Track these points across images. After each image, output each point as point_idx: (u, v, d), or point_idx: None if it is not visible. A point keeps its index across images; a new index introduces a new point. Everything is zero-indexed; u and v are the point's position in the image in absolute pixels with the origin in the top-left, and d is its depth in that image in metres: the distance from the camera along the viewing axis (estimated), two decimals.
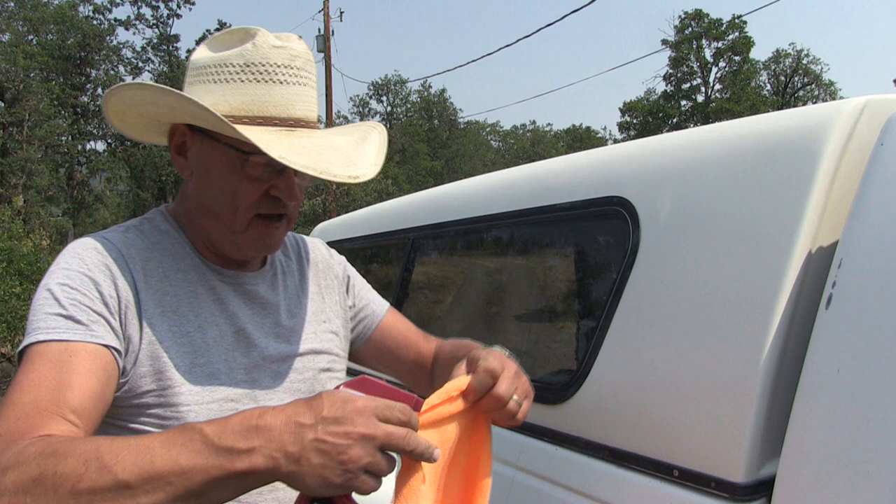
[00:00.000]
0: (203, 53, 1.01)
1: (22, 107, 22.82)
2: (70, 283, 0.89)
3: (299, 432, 0.72)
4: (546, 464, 1.38)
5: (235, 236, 1.00)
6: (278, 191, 0.99)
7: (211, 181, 0.99)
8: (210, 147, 0.98)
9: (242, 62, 0.97)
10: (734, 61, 33.52)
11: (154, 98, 0.97)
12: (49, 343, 0.84)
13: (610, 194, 1.42)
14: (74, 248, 0.94)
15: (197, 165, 1.00)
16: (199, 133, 0.99)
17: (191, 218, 1.04)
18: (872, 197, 1.00)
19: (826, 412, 0.96)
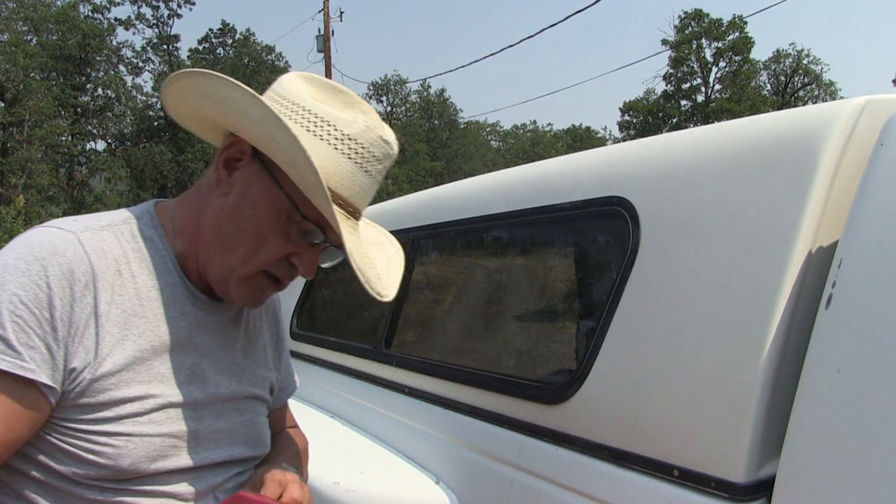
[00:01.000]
0: (304, 93, 0.94)
1: (22, 107, 22.82)
2: (22, 294, 0.81)
3: None
4: (546, 464, 1.38)
5: (230, 278, 0.94)
6: (300, 260, 0.95)
7: (244, 215, 0.92)
8: (265, 184, 0.92)
9: (349, 133, 0.92)
10: (734, 61, 33.52)
11: (252, 113, 0.88)
12: None
13: (610, 194, 1.42)
14: (42, 245, 0.85)
15: (239, 190, 0.93)
16: (259, 161, 0.92)
17: (198, 233, 0.96)
18: (872, 197, 1.00)
19: (826, 412, 0.96)
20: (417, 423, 1.84)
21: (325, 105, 0.94)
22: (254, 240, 0.93)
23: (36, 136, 23.68)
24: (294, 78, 0.98)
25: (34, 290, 0.81)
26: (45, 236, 0.86)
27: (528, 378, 1.55)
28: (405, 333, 2.18)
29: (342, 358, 2.42)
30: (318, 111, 0.92)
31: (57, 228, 0.88)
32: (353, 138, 0.93)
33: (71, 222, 0.90)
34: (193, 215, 0.97)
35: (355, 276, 0.95)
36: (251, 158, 0.93)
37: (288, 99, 0.94)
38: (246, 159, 0.94)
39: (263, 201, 0.92)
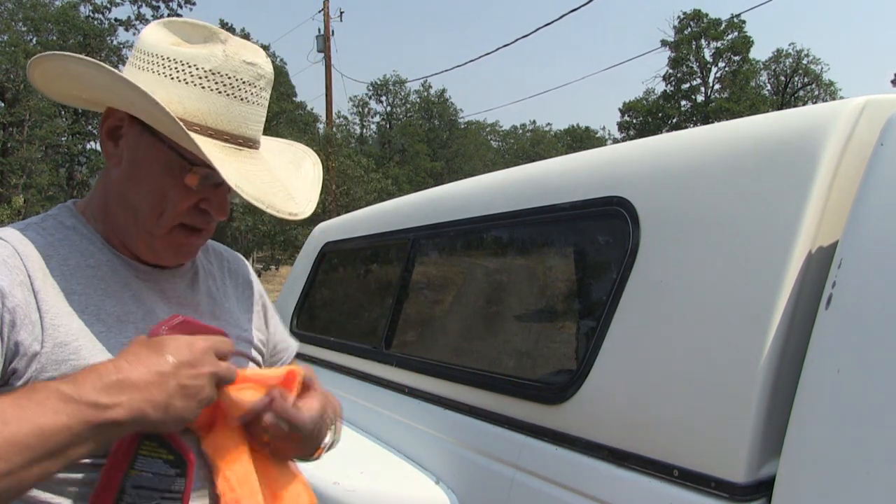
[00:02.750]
0: (162, 41, 0.94)
1: (22, 107, 22.82)
2: None
3: (163, 382, 0.77)
4: (546, 464, 1.38)
5: (152, 240, 0.95)
6: (209, 205, 0.96)
7: (140, 178, 0.93)
8: (149, 143, 0.93)
9: (209, 68, 0.92)
10: (734, 61, 33.53)
11: (103, 82, 0.90)
12: None
13: (610, 194, 1.42)
14: None
15: (128, 157, 0.94)
16: (139, 124, 0.93)
17: (108, 210, 0.97)
18: (872, 197, 1.00)
19: (826, 412, 0.96)
20: (417, 423, 1.84)
21: (182, 47, 0.94)
22: (156, 198, 0.93)
23: (36, 135, 23.68)
24: (152, 29, 0.97)
25: None
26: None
27: (528, 378, 1.55)
28: (405, 333, 2.19)
29: (342, 358, 2.42)
30: (176, 55, 0.92)
31: None
32: (216, 71, 0.93)
33: None
34: (101, 196, 0.98)
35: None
36: (130, 124, 0.94)
37: (146, 52, 0.94)
38: (126, 125, 0.94)
39: (152, 160, 0.93)
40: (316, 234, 3.00)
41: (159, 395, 0.76)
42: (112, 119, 0.95)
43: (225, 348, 0.86)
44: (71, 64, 0.91)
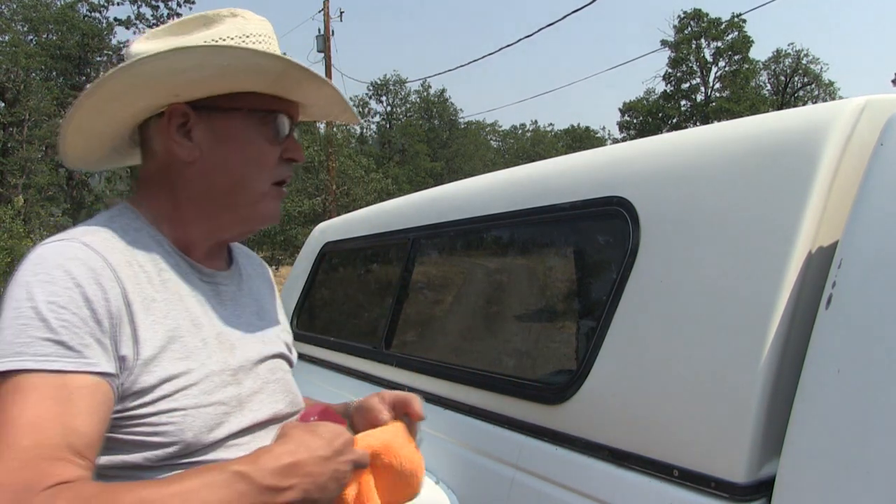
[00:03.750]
0: (178, 39, 0.96)
1: (22, 107, 22.81)
2: (58, 300, 0.80)
3: (324, 465, 0.85)
4: (546, 464, 1.38)
5: (252, 209, 1.01)
6: (291, 152, 1.03)
7: (229, 154, 0.98)
8: (225, 119, 0.98)
9: (241, 33, 0.97)
10: (734, 61, 33.52)
11: (192, 62, 0.92)
12: (41, 374, 0.77)
13: (610, 194, 1.42)
14: (54, 256, 0.85)
15: (208, 143, 0.97)
16: (204, 110, 0.97)
17: (184, 209, 0.99)
18: (872, 197, 1.00)
19: (826, 412, 0.96)
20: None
21: (200, 32, 0.97)
22: (253, 166, 0.99)
23: (36, 136, 23.66)
24: (139, 43, 0.99)
25: (67, 294, 0.81)
26: (50, 250, 0.86)
27: (528, 378, 1.55)
28: (405, 333, 2.19)
29: (342, 358, 2.42)
30: (204, 38, 0.96)
31: (56, 241, 0.88)
32: (247, 34, 0.98)
33: (64, 235, 0.91)
34: (167, 200, 1.00)
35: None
36: (196, 115, 0.97)
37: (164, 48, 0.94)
38: (191, 118, 0.97)
39: (237, 131, 0.98)
40: (316, 234, 3.00)
41: (320, 477, 0.84)
42: (175, 118, 0.97)
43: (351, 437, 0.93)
44: (145, 64, 0.91)
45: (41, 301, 0.80)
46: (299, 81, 1.01)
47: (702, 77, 34.68)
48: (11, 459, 0.71)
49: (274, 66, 0.96)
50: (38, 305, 0.80)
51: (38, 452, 0.72)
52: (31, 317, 0.79)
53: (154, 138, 1.00)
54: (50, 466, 0.72)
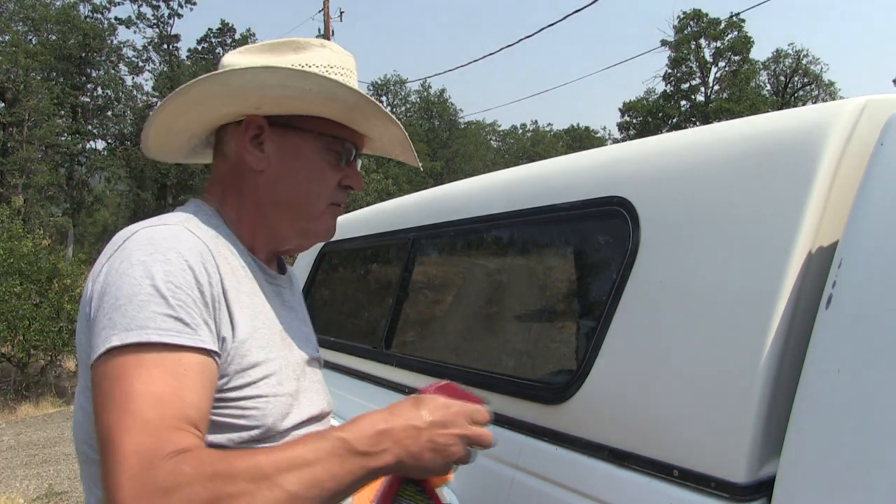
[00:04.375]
0: (268, 57, 1.04)
1: (22, 107, 22.81)
2: (174, 280, 0.85)
3: (417, 435, 0.88)
4: (546, 464, 1.38)
5: (310, 224, 1.08)
6: (350, 180, 1.10)
7: (295, 170, 1.04)
8: (297, 137, 1.05)
9: (326, 63, 1.05)
10: (734, 61, 33.52)
11: (274, 81, 0.98)
12: (162, 349, 0.81)
13: (610, 194, 1.42)
14: (165, 239, 0.89)
15: (277, 156, 1.04)
16: (278, 126, 1.04)
17: (250, 213, 1.06)
18: (872, 197, 1.00)
19: (826, 412, 0.96)
20: None
21: (289, 55, 1.04)
22: (315, 182, 1.06)
23: (35, 135, 23.66)
24: (234, 56, 1.06)
25: (181, 275, 0.86)
26: (159, 232, 0.91)
27: (528, 378, 1.55)
28: (405, 333, 2.19)
29: (342, 358, 2.42)
30: (286, 61, 1.02)
31: (161, 226, 0.93)
32: (333, 65, 1.06)
33: (163, 220, 0.95)
34: (236, 201, 1.06)
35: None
36: (270, 129, 1.04)
37: (253, 63, 1.02)
38: (266, 131, 1.04)
39: (303, 151, 1.05)
40: None
41: (412, 446, 0.87)
42: (251, 129, 1.04)
43: (481, 417, 0.97)
44: (233, 78, 0.98)
45: (159, 279, 0.84)
46: (369, 116, 1.07)
47: (702, 77, 34.68)
48: (139, 430, 0.75)
49: (348, 98, 1.02)
50: (157, 283, 0.83)
51: (162, 423, 0.76)
52: (152, 293, 0.83)
53: (229, 143, 1.07)
54: (173, 435, 0.76)
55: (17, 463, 6.58)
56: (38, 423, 8.46)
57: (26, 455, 6.86)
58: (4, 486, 5.83)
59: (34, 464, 6.52)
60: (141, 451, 0.74)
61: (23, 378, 10.06)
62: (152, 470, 0.72)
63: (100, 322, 0.82)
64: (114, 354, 0.79)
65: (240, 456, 0.79)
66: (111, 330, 0.80)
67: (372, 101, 1.04)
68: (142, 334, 0.80)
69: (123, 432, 0.74)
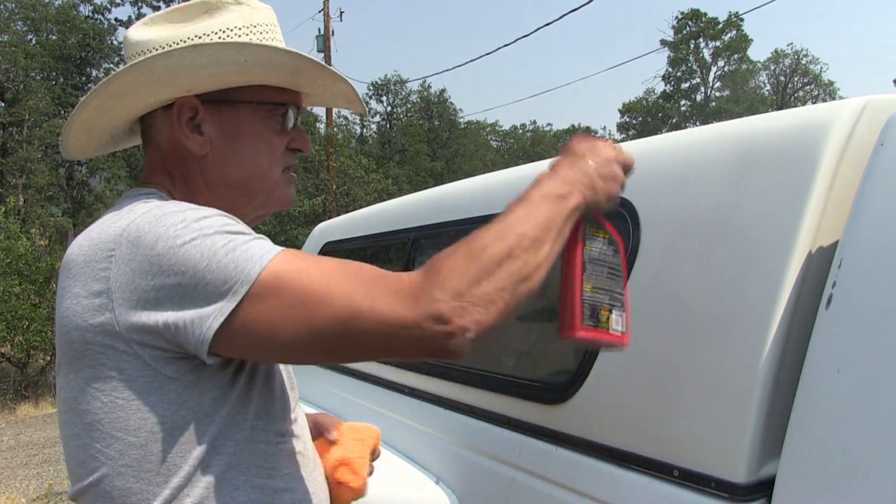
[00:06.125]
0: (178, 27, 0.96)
1: (22, 107, 22.80)
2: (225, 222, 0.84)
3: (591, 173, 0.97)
4: (546, 464, 1.38)
5: (267, 198, 1.02)
6: (297, 142, 1.04)
7: (240, 145, 0.98)
8: (235, 112, 0.98)
9: (248, 23, 0.98)
10: (733, 60, 33.51)
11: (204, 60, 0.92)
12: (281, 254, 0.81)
13: None
14: (179, 206, 0.86)
15: (218, 137, 0.97)
16: (213, 103, 0.97)
17: (204, 198, 0.98)
18: (872, 197, 1.00)
19: (826, 412, 0.96)
20: (417, 423, 1.84)
21: (204, 20, 0.97)
22: (264, 153, 1.00)
23: (36, 136, 23.65)
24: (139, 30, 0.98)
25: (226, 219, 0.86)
26: (165, 207, 0.86)
27: (528, 378, 1.55)
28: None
29: None
30: (203, 30, 0.95)
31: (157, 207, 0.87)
32: (254, 24, 0.98)
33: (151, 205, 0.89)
34: (188, 194, 0.99)
35: None
36: (205, 109, 0.97)
37: (160, 44, 0.94)
38: (201, 112, 0.97)
39: (246, 124, 0.99)
40: (316, 235, 3.00)
41: (588, 182, 0.95)
42: (185, 112, 0.97)
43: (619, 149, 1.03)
44: (159, 61, 0.91)
45: (217, 225, 0.83)
46: (313, 77, 1.02)
47: (701, 77, 34.68)
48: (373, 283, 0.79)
49: (289, 62, 0.97)
50: (219, 229, 0.82)
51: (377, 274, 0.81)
52: (226, 236, 0.82)
53: (160, 130, 0.99)
54: None
55: (17, 463, 6.57)
56: (38, 424, 8.46)
57: (26, 455, 6.86)
58: (4, 486, 5.83)
59: (34, 464, 6.52)
60: (395, 287, 0.78)
61: (22, 378, 10.05)
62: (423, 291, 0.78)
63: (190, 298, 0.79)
64: (260, 287, 0.78)
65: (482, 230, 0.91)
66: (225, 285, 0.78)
67: (316, 62, 0.98)
68: (264, 255, 0.80)
69: (363, 293, 0.78)
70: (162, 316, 0.80)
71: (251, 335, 0.79)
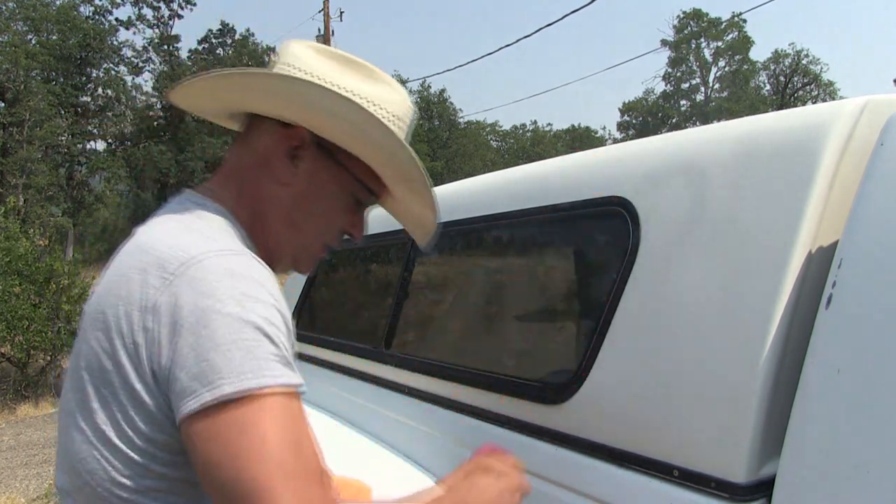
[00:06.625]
0: (334, 70, 0.97)
1: (22, 107, 22.80)
2: (269, 317, 0.78)
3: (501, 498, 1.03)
4: (546, 464, 1.38)
5: (301, 254, 1.02)
6: (354, 228, 1.04)
7: (314, 200, 0.98)
8: (333, 169, 0.98)
9: (398, 114, 1.00)
10: (733, 61, 33.51)
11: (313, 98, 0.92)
12: (280, 394, 0.75)
13: (610, 194, 1.42)
14: (248, 271, 0.82)
15: (307, 179, 0.97)
16: (320, 149, 0.97)
17: (261, 222, 0.97)
18: (872, 197, 1.00)
19: (826, 412, 0.96)
20: (417, 423, 1.84)
21: (363, 83, 0.98)
22: (323, 221, 1.00)
23: (35, 136, 23.65)
24: (308, 51, 0.99)
25: (273, 313, 0.80)
26: (237, 261, 0.82)
27: (528, 378, 1.55)
28: (405, 333, 2.18)
29: (342, 358, 2.42)
30: (357, 90, 0.96)
31: (232, 254, 0.83)
32: (398, 117, 1.00)
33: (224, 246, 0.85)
34: (253, 213, 0.97)
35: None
36: (313, 150, 0.97)
37: (320, 77, 0.95)
38: (308, 151, 0.97)
39: (333, 185, 0.99)
40: None
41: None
42: (294, 139, 0.96)
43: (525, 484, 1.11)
44: (297, 86, 0.92)
45: (259, 318, 0.77)
46: (413, 190, 1.03)
47: (701, 77, 34.68)
48: (295, 477, 0.71)
49: (412, 172, 0.98)
50: (258, 323, 0.77)
51: (309, 470, 0.73)
52: (257, 334, 0.76)
53: (261, 137, 0.98)
54: (321, 487, 0.75)
55: (18, 463, 6.57)
56: (38, 423, 8.46)
57: (26, 455, 6.86)
58: (5, 486, 5.83)
59: (34, 464, 6.52)
60: (306, 498, 0.70)
61: (22, 378, 10.05)
62: None
63: (191, 363, 0.74)
64: (230, 403, 0.72)
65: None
66: (216, 375, 0.73)
67: (429, 189, 1.00)
68: (260, 379, 0.73)
69: (278, 481, 0.69)
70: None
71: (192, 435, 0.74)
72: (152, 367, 0.77)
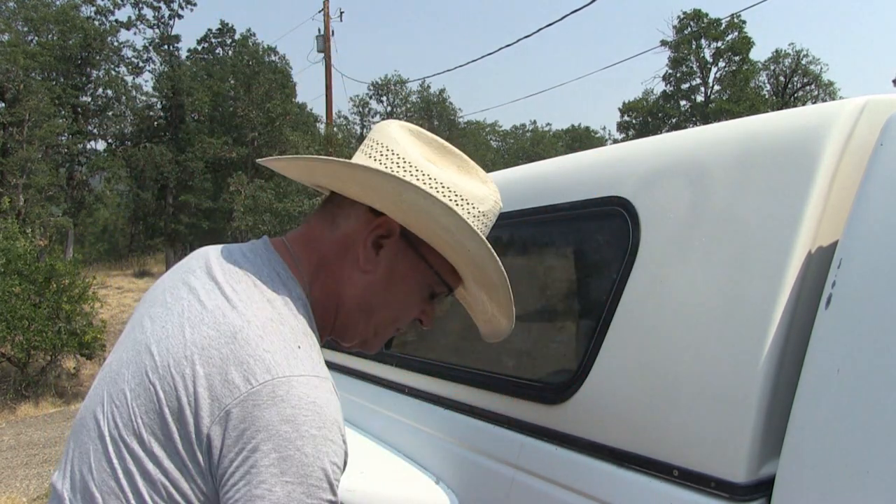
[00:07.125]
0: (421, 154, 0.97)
1: (22, 107, 22.80)
2: (337, 462, 0.82)
3: None
4: (546, 464, 1.38)
5: (373, 338, 1.03)
6: (426, 316, 1.04)
7: (392, 289, 0.98)
8: (415, 261, 0.98)
9: (483, 210, 1.00)
10: (734, 61, 33.51)
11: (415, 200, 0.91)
12: None
13: (610, 194, 1.42)
14: (328, 408, 0.83)
15: (386, 268, 0.97)
16: (405, 239, 0.97)
17: (340, 302, 0.98)
18: (872, 197, 1.00)
19: (826, 412, 0.96)
20: (417, 423, 1.84)
21: (456, 176, 0.98)
22: (398, 309, 1.01)
23: (36, 135, 23.64)
24: (402, 132, 0.99)
25: (341, 457, 0.83)
26: (321, 394, 0.83)
27: (528, 378, 1.55)
28: (405, 333, 2.18)
29: (342, 358, 2.42)
30: (451, 185, 0.96)
31: (318, 378, 0.84)
32: (486, 214, 1.00)
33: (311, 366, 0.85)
34: (328, 294, 0.97)
35: None
36: (397, 241, 0.97)
37: (410, 163, 0.95)
38: (394, 239, 0.97)
39: (412, 277, 0.99)
40: None
41: None
42: (381, 229, 0.96)
43: None
44: (407, 192, 0.91)
45: (328, 463, 0.80)
46: (493, 293, 1.04)
47: (702, 77, 34.68)
48: None
49: (493, 277, 1.00)
50: (326, 467, 0.80)
51: None
52: (322, 479, 0.79)
53: (348, 218, 0.98)
54: None
55: (18, 463, 6.58)
56: (39, 423, 8.46)
57: (26, 455, 6.86)
58: (5, 486, 5.83)
59: (34, 464, 6.52)
60: None
61: (22, 378, 10.05)
62: None
63: (253, 485, 0.77)
64: None
65: None
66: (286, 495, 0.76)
67: (510, 300, 1.02)
68: None
69: None
70: None
71: None
72: (210, 464, 0.79)
